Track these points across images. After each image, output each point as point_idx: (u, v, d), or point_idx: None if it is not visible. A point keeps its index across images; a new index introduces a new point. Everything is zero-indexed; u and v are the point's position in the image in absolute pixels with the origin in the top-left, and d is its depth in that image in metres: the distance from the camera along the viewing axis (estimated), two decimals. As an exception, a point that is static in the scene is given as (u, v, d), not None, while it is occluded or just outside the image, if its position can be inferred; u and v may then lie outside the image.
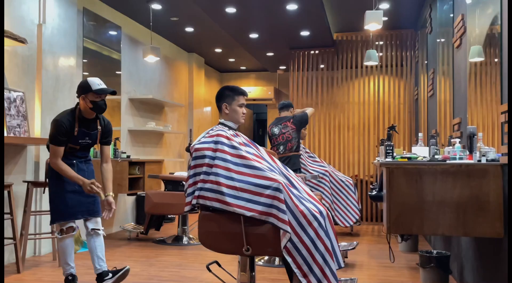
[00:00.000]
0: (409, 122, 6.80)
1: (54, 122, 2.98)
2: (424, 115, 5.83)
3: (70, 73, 4.70)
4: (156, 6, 5.57)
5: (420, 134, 3.91)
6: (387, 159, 3.41)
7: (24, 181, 3.97)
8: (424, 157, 3.09)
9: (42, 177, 4.30)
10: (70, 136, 3.00)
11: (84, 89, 3.00)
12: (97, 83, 3.02)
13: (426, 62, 5.85)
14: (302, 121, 5.04)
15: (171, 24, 6.32)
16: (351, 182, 5.56)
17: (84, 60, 5.18)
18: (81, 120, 3.04)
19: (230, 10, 5.54)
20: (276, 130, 5.00)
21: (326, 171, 5.39)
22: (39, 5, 4.35)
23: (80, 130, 3.03)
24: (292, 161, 4.91)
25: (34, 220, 4.31)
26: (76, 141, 3.04)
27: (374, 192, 4.60)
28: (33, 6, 4.31)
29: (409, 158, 3.09)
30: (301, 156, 5.45)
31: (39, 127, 4.29)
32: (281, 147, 4.96)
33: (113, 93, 3.05)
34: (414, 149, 3.72)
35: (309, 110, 5.20)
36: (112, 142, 5.28)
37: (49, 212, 4.06)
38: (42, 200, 4.33)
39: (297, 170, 4.91)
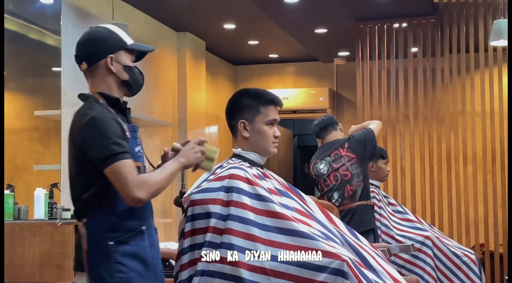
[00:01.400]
0: None
1: (94, 122, 2.53)
2: None
3: (-27, 72, 4.82)
4: (121, -46, 5.70)
5: None
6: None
7: None
8: None
9: None
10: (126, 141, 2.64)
11: (112, 41, 2.70)
12: (126, 34, 2.79)
13: None
14: (367, 142, 5.00)
15: (147, -17, 6.45)
16: (473, 257, 5.47)
17: (-3, 50, 5.31)
18: (117, 108, 2.73)
19: (250, -44, 5.63)
20: (322, 167, 4.99)
21: (427, 237, 5.33)
22: None
23: (129, 126, 2.72)
24: (356, 217, 4.88)
25: None
26: (133, 150, 2.69)
27: (515, 276, 4.52)
28: None
29: None
30: (381, 210, 5.41)
31: None
32: (335, 195, 4.94)
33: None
34: None
35: (374, 125, 5.21)
36: (47, 191, 5.36)
37: None
38: None
39: (369, 231, 4.87)
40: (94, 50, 2.65)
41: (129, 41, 2.73)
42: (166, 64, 8.09)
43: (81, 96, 2.68)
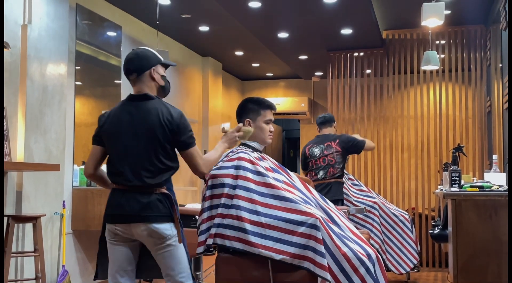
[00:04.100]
0: (480, 142, 6.70)
1: (184, 116, 2.67)
2: (499, 133, 5.73)
3: (59, 83, 4.81)
4: (164, 1, 5.69)
5: (494, 157, 3.84)
6: (452, 189, 3.35)
7: (4, 216, 4.04)
8: (500, 186, 3.03)
9: (25, 210, 4.37)
10: None
11: (152, 58, 2.67)
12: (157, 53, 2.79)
13: (500, 65, 5.78)
14: (353, 146, 4.96)
15: (181, 22, 6.43)
16: (407, 217, 5.49)
17: (76, 67, 5.30)
18: None
19: (254, 4, 5.62)
20: (316, 151, 5.00)
21: (375, 203, 5.34)
22: (23, 2, 4.49)
23: None
24: (333, 189, 4.89)
25: (15, 263, 4.37)
26: None
27: (436, 230, 4.52)
28: (16, 4, 4.44)
29: (481, 188, 3.03)
30: (344, 184, 5.43)
31: (22, 149, 4.38)
32: (321, 173, 4.96)
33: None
34: (487, 176, 3.65)
35: (369, 142, 5.10)
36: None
37: (33, 254, 4.12)
38: (25, 238, 4.40)
39: (338, 200, 4.88)
40: (142, 64, 2.63)
41: (161, 58, 2.73)
42: (194, 79, 8.09)
43: (145, 96, 2.64)
